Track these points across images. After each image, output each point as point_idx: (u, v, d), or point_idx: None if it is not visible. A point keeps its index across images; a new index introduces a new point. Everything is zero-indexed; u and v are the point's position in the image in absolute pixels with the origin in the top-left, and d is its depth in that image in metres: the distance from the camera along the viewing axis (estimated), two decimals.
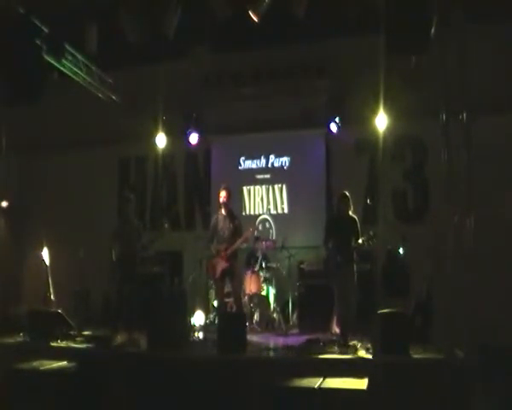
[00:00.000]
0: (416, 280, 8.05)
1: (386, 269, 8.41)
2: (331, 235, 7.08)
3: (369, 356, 6.05)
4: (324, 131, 9.68)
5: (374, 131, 9.02)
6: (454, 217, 6.23)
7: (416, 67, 6.81)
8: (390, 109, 8.62)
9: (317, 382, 5.28)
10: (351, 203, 7.09)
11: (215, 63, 10.09)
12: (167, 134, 9.93)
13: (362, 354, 6.13)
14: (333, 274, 7.01)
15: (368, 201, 8.61)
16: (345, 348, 6.27)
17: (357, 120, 9.06)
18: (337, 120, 9.30)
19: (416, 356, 5.93)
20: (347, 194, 7.11)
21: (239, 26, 8.26)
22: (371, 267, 8.10)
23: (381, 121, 8.81)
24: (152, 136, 9.89)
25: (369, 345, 6.33)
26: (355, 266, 7.01)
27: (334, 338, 6.85)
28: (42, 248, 8.47)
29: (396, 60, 6.93)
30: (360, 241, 6.89)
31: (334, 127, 9.36)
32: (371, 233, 6.86)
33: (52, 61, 7.55)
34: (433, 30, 6.11)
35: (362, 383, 5.22)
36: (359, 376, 5.40)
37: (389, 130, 8.91)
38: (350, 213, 7.07)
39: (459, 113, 6.24)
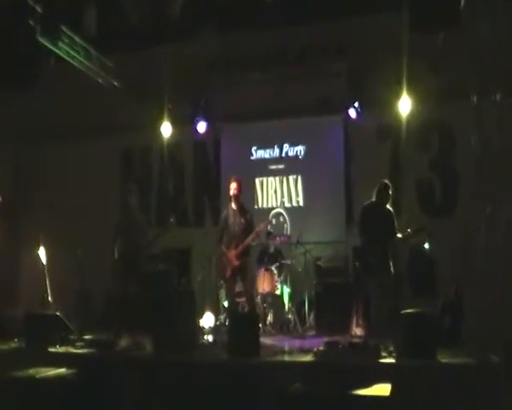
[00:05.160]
0: (443, 279, 8.01)
1: (411, 267, 8.37)
2: (367, 225, 6.95)
3: (393, 360, 5.98)
4: (342, 118, 9.64)
5: (397, 117, 8.94)
6: (485, 210, 6.11)
7: (443, 44, 6.67)
8: (414, 92, 8.51)
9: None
10: (390, 195, 6.99)
11: (224, 46, 10.04)
12: (173, 123, 9.92)
13: (384, 357, 6.04)
14: (368, 267, 6.91)
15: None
16: (366, 350, 6.15)
17: (379, 104, 8.98)
18: (356, 104, 9.25)
19: (443, 361, 5.84)
20: (389, 184, 7.01)
21: (249, 6, 8.18)
22: (396, 264, 7.97)
23: (405, 105, 8.71)
24: (157, 124, 9.88)
25: (391, 348, 6.23)
26: (392, 264, 6.91)
27: (355, 341, 6.81)
28: (38, 247, 8.45)
29: (421, 37, 6.79)
30: (400, 235, 6.79)
31: (353, 113, 9.31)
32: (410, 231, 6.78)
33: (47, 44, 7.51)
34: (462, 2, 5.97)
35: (385, 390, 5.15)
36: (382, 381, 5.31)
37: (413, 115, 8.82)
38: (387, 205, 6.96)
39: (492, 94, 6.10)
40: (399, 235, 6.83)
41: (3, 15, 6.79)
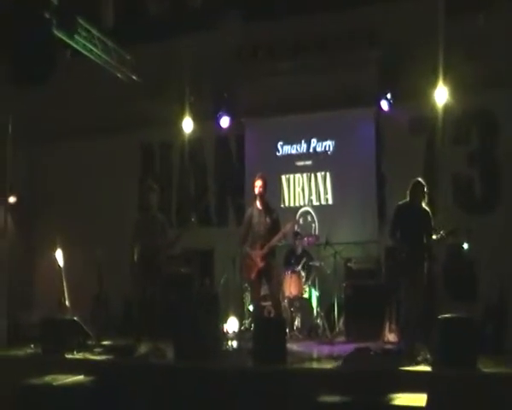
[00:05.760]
0: (484, 280, 7.96)
1: (449, 268, 8.29)
2: (399, 226, 6.96)
3: (429, 368, 5.90)
4: (374, 110, 9.55)
5: (432, 108, 8.84)
6: None
7: (483, 27, 6.52)
8: (451, 81, 8.40)
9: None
10: (426, 193, 6.95)
11: (248, 35, 10.02)
12: (195, 118, 9.94)
13: (420, 365, 5.99)
14: (401, 269, 6.86)
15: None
16: (400, 358, 6.12)
17: (413, 95, 8.87)
18: (389, 96, 9.17)
19: (485, 370, 5.74)
20: (422, 182, 6.97)
21: None
22: (430, 265, 7.86)
23: (441, 95, 8.62)
24: (178, 120, 9.93)
25: (428, 356, 6.18)
26: (425, 266, 6.85)
27: (387, 347, 6.77)
28: (55, 249, 8.51)
29: (458, 22, 6.67)
30: (434, 237, 6.74)
31: (385, 105, 9.23)
32: (442, 233, 6.71)
33: (64, 38, 7.57)
34: None
35: (420, 400, 5.09)
36: (417, 391, 5.27)
37: (450, 105, 8.69)
38: (423, 204, 6.93)
39: None
40: (434, 237, 6.75)
41: (19, 8, 6.85)
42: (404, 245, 6.76)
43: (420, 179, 6.96)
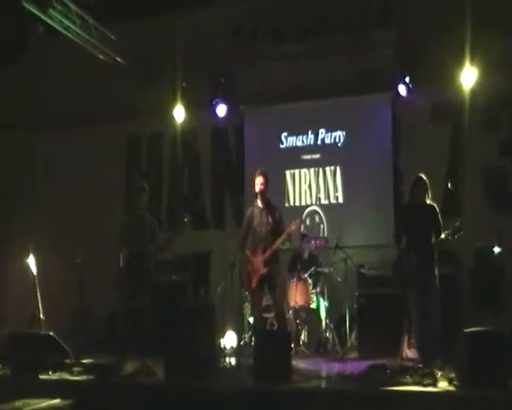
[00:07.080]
0: None
1: (476, 274, 8.26)
2: (404, 229, 7.02)
3: (453, 389, 5.85)
4: (390, 96, 9.58)
5: (458, 92, 8.83)
6: None
7: None
8: (480, 61, 8.38)
9: None
10: (429, 189, 6.95)
11: (249, 13, 10.03)
12: (188, 106, 9.96)
13: (443, 385, 5.93)
14: (408, 280, 6.87)
15: (449, 185, 8.36)
16: (420, 377, 6.07)
17: (435, 78, 8.85)
18: (407, 79, 9.17)
19: None
20: (424, 177, 6.97)
21: None
22: (455, 271, 7.88)
23: (468, 78, 8.60)
24: (169, 108, 9.93)
25: (452, 374, 6.10)
26: (437, 270, 6.84)
27: (406, 364, 6.70)
28: (28, 254, 8.47)
29: None
30: (443, 235, 6.73)
31: (403, 89, 9.25)
32: (457, 224, 6.65)
33: (35, 12, 7.49)
34: None
35: None
36: None
37: (479, 88, 8.69)
38: (428, 201, 6.96)
39: None
40: (443, 235, 6.75)
41: None
42: (408, 252, 6.81)
43: (421, 175, 6.97)
